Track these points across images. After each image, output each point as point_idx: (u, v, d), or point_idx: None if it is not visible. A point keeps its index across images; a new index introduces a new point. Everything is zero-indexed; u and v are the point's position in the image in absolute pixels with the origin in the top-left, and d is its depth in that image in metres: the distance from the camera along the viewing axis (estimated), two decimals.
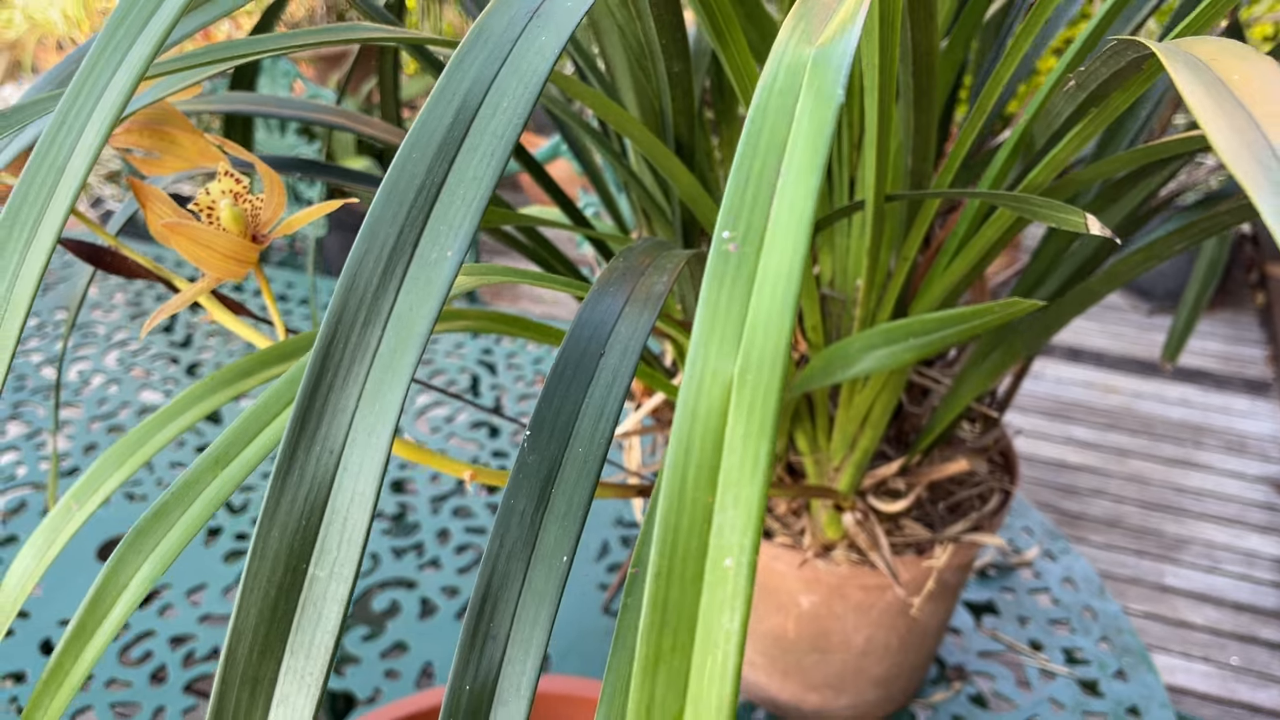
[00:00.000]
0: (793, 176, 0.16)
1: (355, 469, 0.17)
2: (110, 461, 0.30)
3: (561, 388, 0.24)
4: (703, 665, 0.15)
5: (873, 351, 0.36)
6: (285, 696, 0.17)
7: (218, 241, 0.28)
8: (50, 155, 0.18)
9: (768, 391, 0.15)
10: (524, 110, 0.19)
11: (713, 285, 0.16)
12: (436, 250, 0.17)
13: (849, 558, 0.51)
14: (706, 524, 0.15)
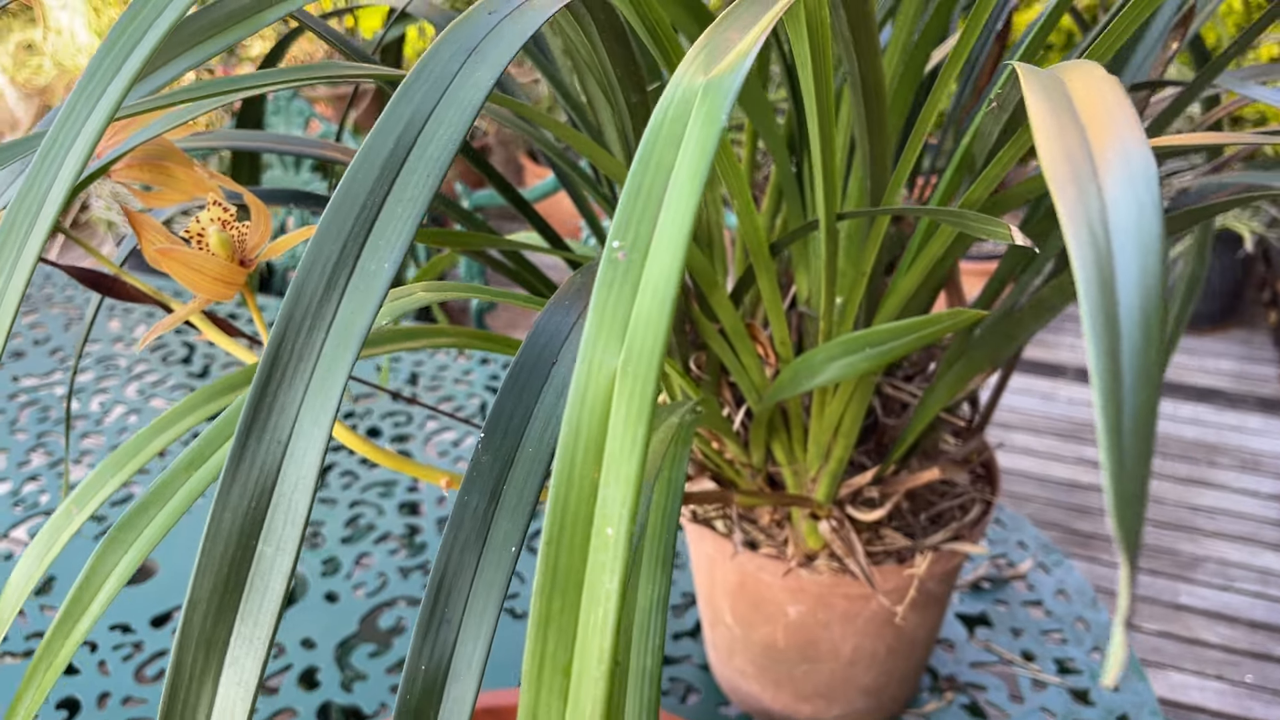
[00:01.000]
0: (677, 192, 0.18)
1: (299, 457, 0.19)
2: (108, 468, 0.32)
3: (515, 393, 0.26)
4: (588, 621, 0.17)
5: (834, 362, 0.38)
6: (236, 658, 0.19)
7: (206, 265, 0.31)
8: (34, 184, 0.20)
9: (646, 382, 0.17)
10: (458, 137, 0.21)
11: (602, 289, 0.18)
12: (375, 263, 0.19)
13: (830, 566, 0.52)
14: (593, 497, 0.17)
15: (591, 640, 0.17)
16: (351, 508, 0.81)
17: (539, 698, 0.18)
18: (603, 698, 0.17)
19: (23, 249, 0.19)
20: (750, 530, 0.55)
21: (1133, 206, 0.14)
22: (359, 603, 0.72)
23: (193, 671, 0.19)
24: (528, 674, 0.18)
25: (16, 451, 0.87)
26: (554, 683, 0.18)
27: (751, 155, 0.54)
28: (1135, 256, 0.13)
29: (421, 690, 0.24)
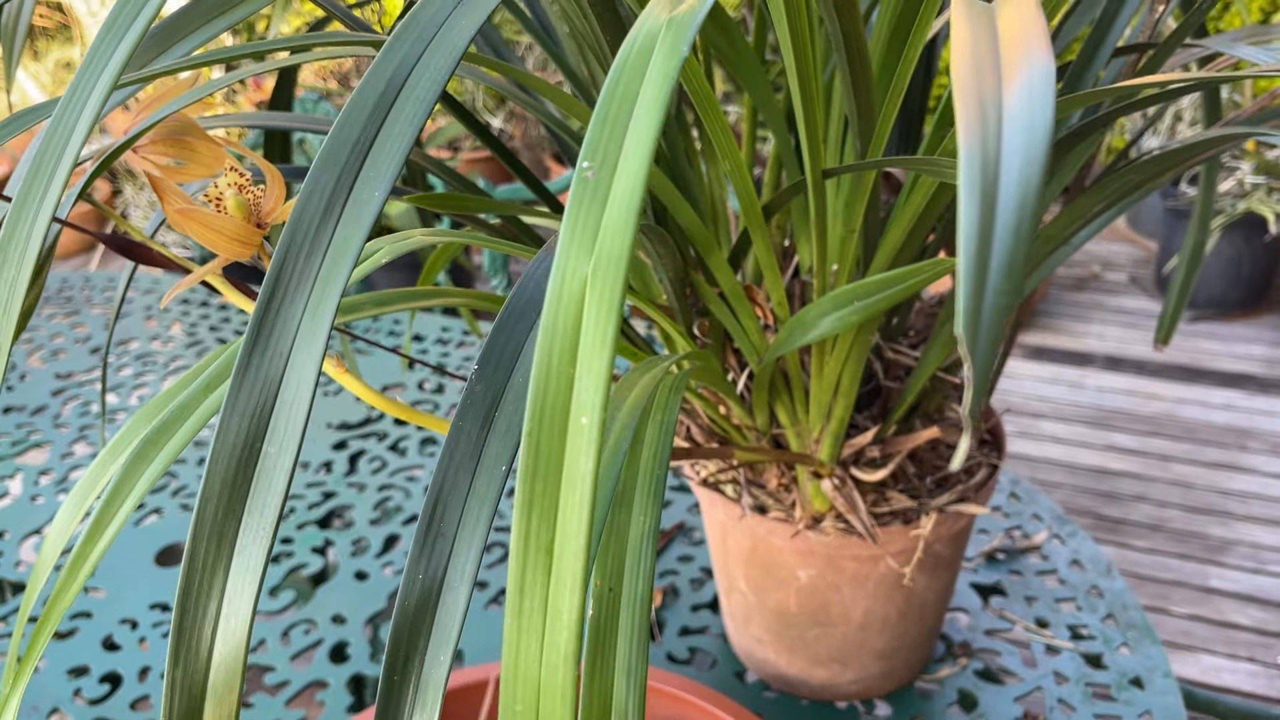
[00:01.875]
0: (641, 117, 0.20)
1: (299, 367, 0.21)
2: (140, 420, 0.35)
3: (506, 330, 0.28)
4: (567, 502, 0.19)
5: (826, 317, 0.40)
6: (244, 547, 0.21)
7: (224, 226, 0.33)
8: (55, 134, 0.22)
9: (614, 284, 0.19)
10: (442, 80, 0.23)
11: (574, 204, 0.20)
12: (368, 191, 0.21)
13: (837, 527, 0.54)
14: (568, 390, 0.19)
15: (571, 519, 0.19)
16: (380, 491, 0.83)
17: (524, 574, 0.19)
18: (580, 571, 0.19)
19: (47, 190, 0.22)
20: (759, 495, 0.56)
21: (1027, 101, 0.16)
22: (387, 580, 0.74)
23: (205, 561, 0.21)
24: (515, 554, 0.20)
25: (60, 444, 0.90)
26: (538, 560, 0.19)
27: (752, 130, 0.55)
28: (1022, 138, 0.15)
29: (418, 599, 0.26)
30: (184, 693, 0.21)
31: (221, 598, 0.21)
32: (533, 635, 0.19)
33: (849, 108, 0.39)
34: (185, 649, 0.21)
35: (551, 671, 0.18)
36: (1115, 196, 0.38)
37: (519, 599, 0.19)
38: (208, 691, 0.21)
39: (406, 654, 0.25)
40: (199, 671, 0.21)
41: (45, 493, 0.84)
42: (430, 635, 0.25)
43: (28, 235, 0.22)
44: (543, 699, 0.19)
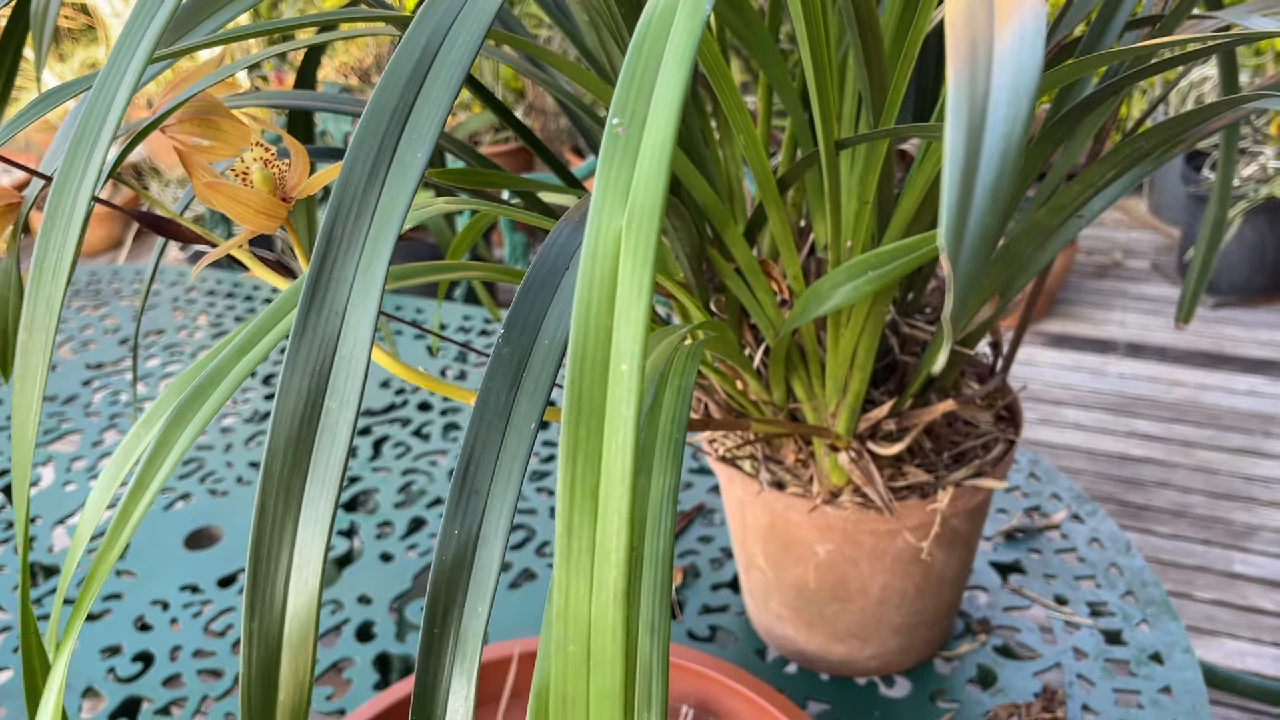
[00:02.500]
0: (668, 74, 0.21)
1: (355, 323, 0.22)
2: (173, 392, 0.36)
3: (531, 295, 0.29)
4: (610, 446, 0.20)
5: (840, 287, 0.41)
6: (311, 499, 0.22)
7: (250, 199, 0.34)
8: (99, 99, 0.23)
9: (649, 235, 0.20)
10: (474, 48, 0.24)
11: (606, 159, 0.20)
12: (410, 153, 0.22)
13: (854, 501, 0.54)
14: (607, 339, 0.20)
15: (614, 462, 0.19)
16: (404, 475, 0.84)
17: (572, 517, 0.20)
18: (626, 512, 0.20)
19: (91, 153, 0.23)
20: (776, 470, 0.57)
21: (1018, 41, 0.17)
22: (412, 561, 0.75)
23: (274, 515, 0.22)
24: (561, 497, 0.20)
25: (91, 432, 0.92)
26: (584, 503, 0.20)
27: (767, 112, 0.56)
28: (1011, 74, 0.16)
29: (455, 553, 0.26)
30: (261, 644, 0.22)
31: (292, 550, 0.22)
32: (582, 576, 0.19)
33: (862, 83, 0.40)
34: (260, 602, 0.22)
35: (601, 610, 0.19)
36: (1127, 163, 0.38)
37: (567, 541, 0.19)
38: (284, 643, 0.22)
39: (445, 607, 0.26)
40: (274, 623, 0.22)
41: (77, 479, 0.86)
42: (468, 588, 0.26)
43: (74, 197, 0.23)
44: (594, 637, 0.19)
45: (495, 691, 0.61)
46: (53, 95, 0.31)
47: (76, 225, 0.23)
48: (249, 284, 1.18)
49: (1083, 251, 2.53)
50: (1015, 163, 0.14)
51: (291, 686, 0.23)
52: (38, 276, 0.23)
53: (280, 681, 0.23)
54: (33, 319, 0.23)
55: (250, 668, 0.23)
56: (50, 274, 0.23)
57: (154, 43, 0.24)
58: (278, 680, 0.23)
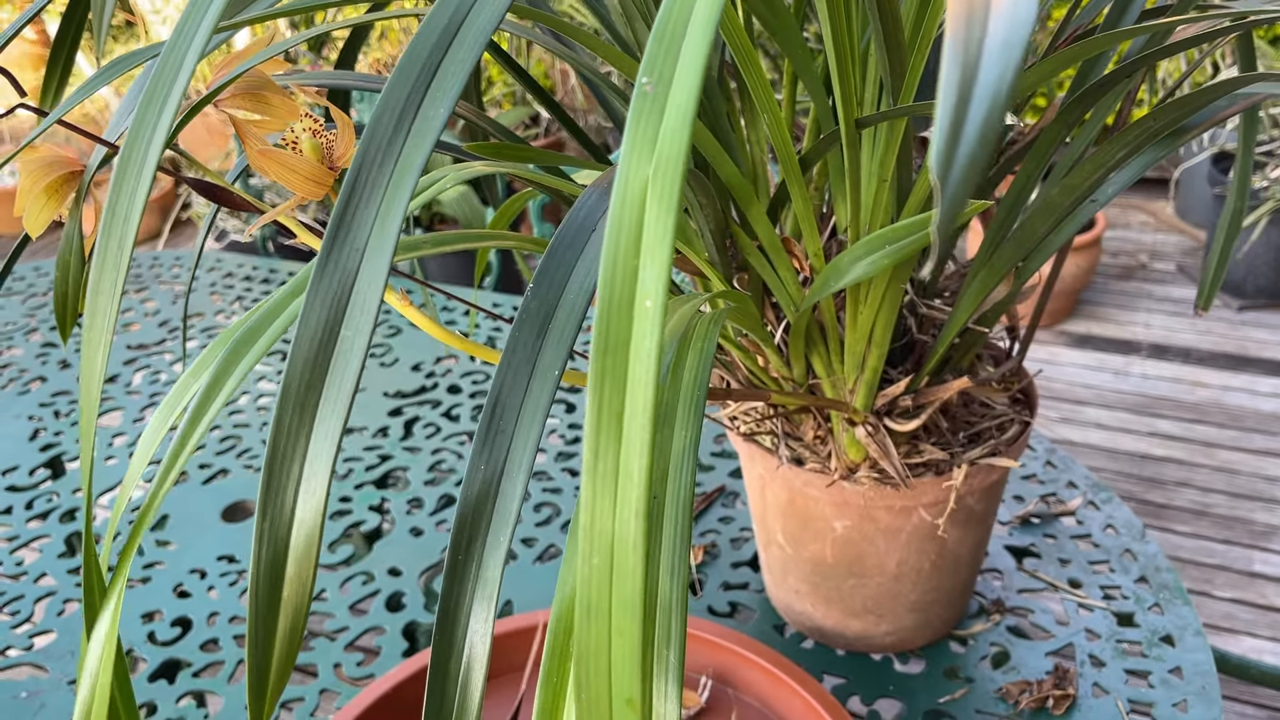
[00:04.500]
0: (693, 37, 0.23)
1: (372, 260, 0.24)
2: (220, 343, 0.38)
3: (559, 253, 0.31)
4: (635, 374, 0.21)
5: (859, 261, 0.42)
6: (323, 418, 0.24)
7: (300, 166, 0.36)
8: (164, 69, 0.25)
9: (672, 182, 0.22)
10: (498, 16, 0.26)
11: (634, 115, 0.22)
12: (433, 109, 0.24)
13: (871, 477, 0.56)
14: (634, 279, 0.22)
15: (638, 390, 0.21)
16: (434, 455, 0.87)
17: (599, 440, 0.22)
18: (648, 436, 0.22)
19: (160, 114, 0.25)
20: (795, 447, 0.59)
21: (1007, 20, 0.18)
22: (440, 536, 0.78)
23: (289, 429, 0.24)
24: (590, 422, 0.22)
25: (131, 410, 0.94)
26: (610, 428, 0.22)
27: (791, 96, 0.58)
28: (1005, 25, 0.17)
29: (480, 488, 0.28)
30: (270, 545, 0.24)
31: (304, 462, 0.24)
32: (607, 494, 0.21)
33: (882, 68, 0.42)
34: (272, 506, 0.24)
35: (624, 525, 0.21)
36: (1139, 143, 0.40)
37: (594, 461, 0.21)
38: (290, 546, 0.24)
39: (470, 536, 0.28)
40: (283, 527, 0.24)
41: (118, 454, 0.89)
42: (491, 519, 0.28)
43: (147, 145, 0.25)
44: (616, 549, 0.21)
45: (520, 660, 0.63)
46: (120, 63, 0.33)
47: (148, 172, 0.25)
48: (285, 270, 1.20)
49: (1108, 253, 2.53)
50: (1004, 102, 0.16)
51: (295, 585, 0.25)
52: (110, 220, 0.25)
53: (285, 579, 0.25)
54: (104, 258, 0.25)
55: (259, 566, 0.25)
56: (122, 218, 0.25)
57: (219, 12, 0.26)
58: (283, 579, 0.25)
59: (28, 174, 0.38)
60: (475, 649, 0.27)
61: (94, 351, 0.25)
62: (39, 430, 0.93)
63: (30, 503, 0.83)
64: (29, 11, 0.35)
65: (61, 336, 0.45)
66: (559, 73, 2.42)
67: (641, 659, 0.20)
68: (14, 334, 1.10)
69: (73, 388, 0.99)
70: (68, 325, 0.44)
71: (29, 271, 1.23)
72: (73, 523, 0.81)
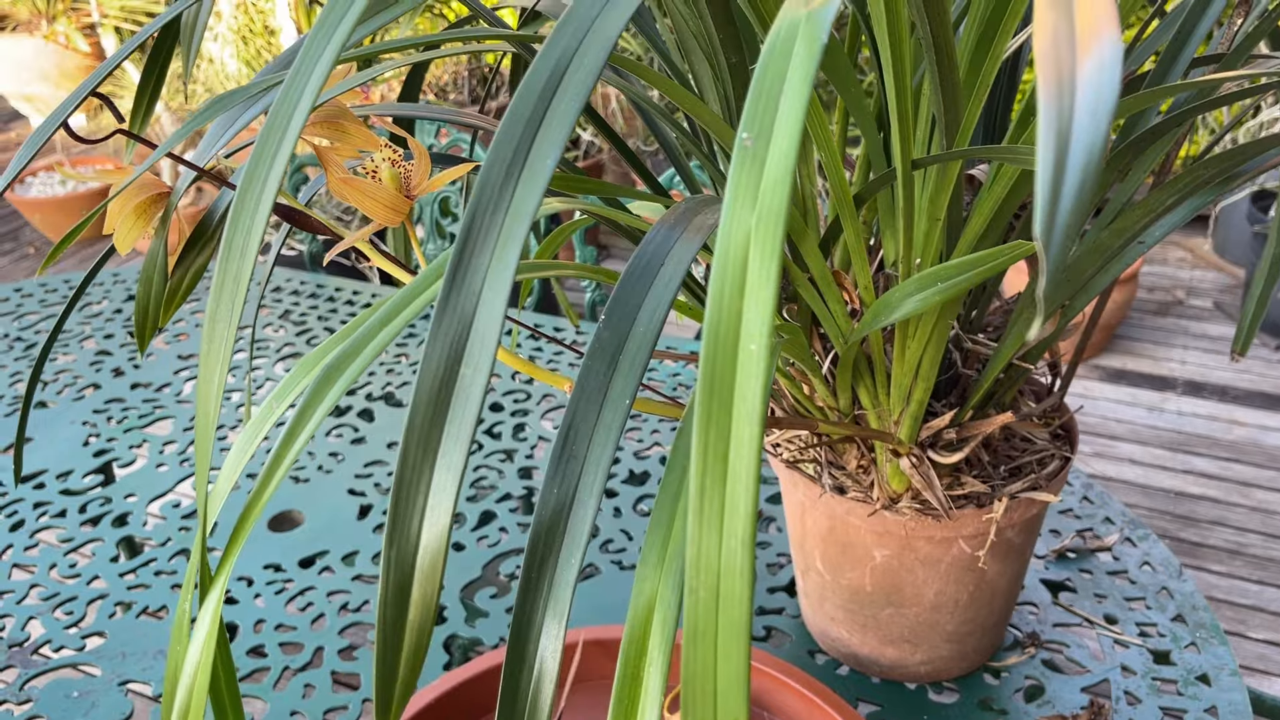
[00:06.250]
0: (790, 92, 0.24)
1: (489, 302, 0.25)
2: (302, 370, 0.40)
3: (630, 285, 0.33)
4: (739, 414, 0.23)
5: (910, 298, 0.43)
6: (446, 451, 0.25)
7: (380, 194, 0.38)
8: (282, 105, 0.27)
9: (775, 232, 0.23)
10: (598, 67, 0.27)
11: (736, 167, 0.24)
12: (540, 159, 0.26)
13: (913, 508, 0.57)
14: (738, 322, 0.23)
15: (743, 428, 0.23)
16: (475, 471, 0.88)
17: (705, 479, 0.23)
18: (753, 473, 0.23)
19: (279, 150, 0.26)
20: (838, 476, 0.60)
21: (1097, 68, 0.20)
22: (482, 552, 0.79)
23: (414, 461, 0.25)
24: (695, 462, 0.23)
25: (182, 418, 0.97)
26: (715, 467, 0.23)
27: (843, 131, 0.59)
28: (1092, 94, 0.19)
29: (552, 511, 0.30)
30: (397, 569, 0.26)
31: (428, 492, 0.25)
32: (713, 529, 0.22)
33: (936, 107, 0.43)
34: (399, 534, 0.25)
35: (730, 555, 0.22)
36: (1187, 191, 0.41)
37: (700, 499, 0.22)
38: (416, 571, 0.26)
39: (542, 555, 0.29)
40: (409, 553, 0.25)
41: (169, 461, 0.91)
42: (563, 540, 0.30)
43: (264, 181, 0.26)
44: (723, 579, 0.22)
45: (560, 676, 0.65)
46: (221, 101, 0.35)
47: (265, 208, 0.26)
48: (331, 285, 1.23)
49: (1144, 288, 2.52)
50: (1096, 170, 0.17)
51: (420, 608, 0.27)
52: (227, 253, 0.27)
53: (411, 603, 0.27)
54: (221, 290, 0.27)
55: (387, 590, 0.27)
56: (239, 252, 0.27)
57: (340, 46, 0.28)
58: (409, 602, 0.27)
59: (123, 198, 0.40)
60: (545, 664, 0.29)
61: (211, 373, 0.27)
62: (91, 436, 0.95)
63: (83, 506, 0.86)
64: (133, 42, 0.37)
65: (139, 347, 0.47)
66: (599, 97, 2.45)
67: (745, 682, 0.22)
68: (69, 341, 1.13)
69: (125, 395, 1.01)
70: (146, 337, 0.46)
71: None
72: (124, 528, 0.83)
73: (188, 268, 0.43)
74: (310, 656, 0.70)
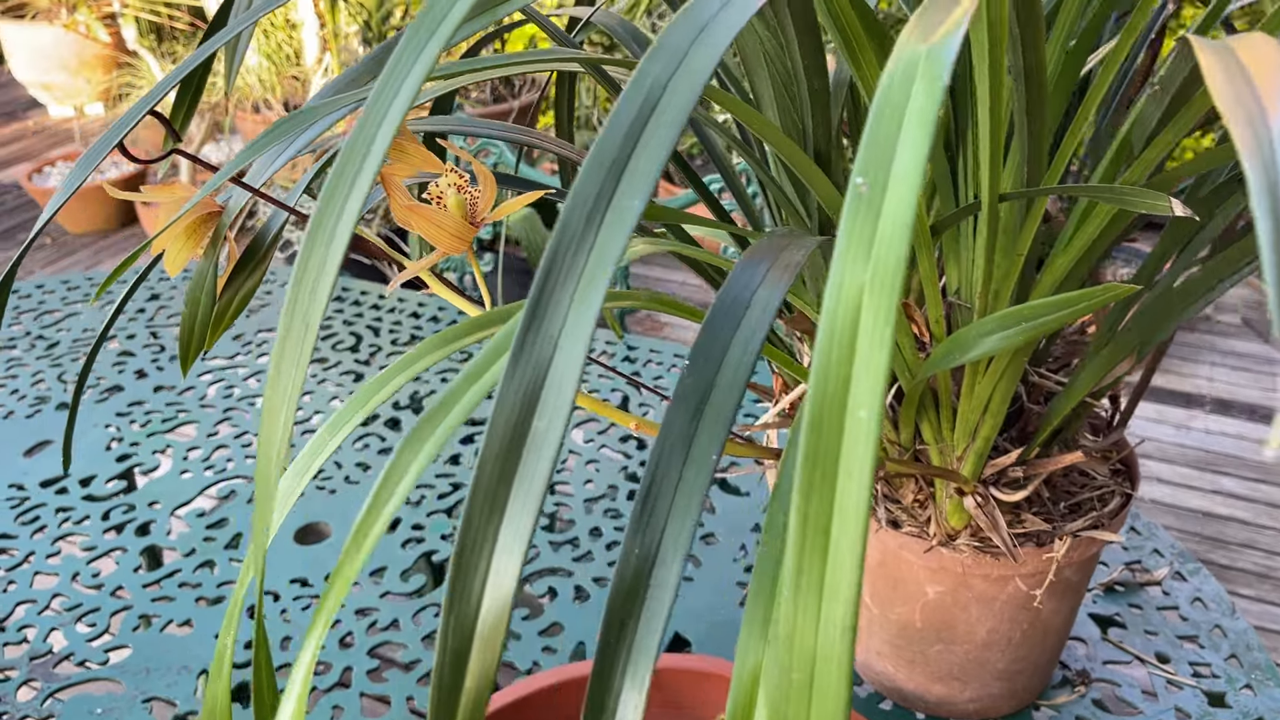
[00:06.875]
0: (909, 136, 0.22)
1: (567, 350, 0.23)
2: (355, 404, 0.38)
3: (714, 330, 0.31)
4: (845, 488, 0.21)
5: (988, 336, 0.41)
6: (513, 514, 0.23)
7: (445, 222, 0.36)
8: (365, 126, 0.25)
9: (891, 291, 0.21)
10: (691, 101, 0.25)
11: (849, 216, 0.22)
12: (626, 200, 0.24)
13: (971, 545, 0.55)
14: (846, 387, 0.21)
15: (848, 504, 0.21)
16: None
17: (803, 554, 0.21)
18: (858, 553, 0.21)
19: (356, 181, 0.25)
20: (893, 510, 0.58)
21: None
22: None
23: (479, 521, 0.23)
24: (793, 535, 0.21)
25: (206, 424, 0.95)
26: (815, 541, 0.21)
27: None
28: None
29: (633, 573, 0.28)
30: (455, 635, 0.24)
31: (492, 554, 0.23)
32: (810, 610, 0.20)
33: (1021, 138, 0.41)
34: (459, 598, 0.24)
35: (828, 643, 0.20)
36: None
37: (798, 576, 0.21)
38: (475, 638, 0.24)
39: (621, 619, 0.28)
40: (469, 619, 0.24)
41: (193, 468, 0.89)
42: (644, 604, 0.28)
43: (338, 217, 0.24)
44: (818, 667, 0.21)
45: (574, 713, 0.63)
46: (282, 125, 0.33)
47: (339, 247, 0.24)
48: (356, 289, 1.21)
49: None
50: None
51: (478, 675, 0.25)
52: (295, 293, 0.25)
53: (469, 671, 0.25)
54: (288, 333, 0.25)
55: (444, 656, 0.25)
56: (308, 291, 0.25)
57: (424, 73, 0.26)
58: (466, 670, 0.25)
59: (169, 214, 0.39)
60: None
61: (274, 424, 0.25)
62: (114, 440, 0.94)
63: (107, 513, 0.84)
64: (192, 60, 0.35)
65: (182, 369, 0.45)
66: None
67: None
68: (92, 340, 1.11)
69: (148, 397, 1.00)
70: (190, 359, 0.44)
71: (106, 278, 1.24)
72: (147, 537, 0.82)
73: (236, 290, 0.41)
74: (339, 676, 0.68)
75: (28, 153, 3.69)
